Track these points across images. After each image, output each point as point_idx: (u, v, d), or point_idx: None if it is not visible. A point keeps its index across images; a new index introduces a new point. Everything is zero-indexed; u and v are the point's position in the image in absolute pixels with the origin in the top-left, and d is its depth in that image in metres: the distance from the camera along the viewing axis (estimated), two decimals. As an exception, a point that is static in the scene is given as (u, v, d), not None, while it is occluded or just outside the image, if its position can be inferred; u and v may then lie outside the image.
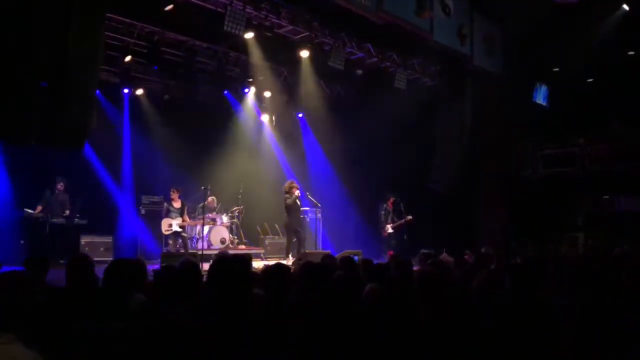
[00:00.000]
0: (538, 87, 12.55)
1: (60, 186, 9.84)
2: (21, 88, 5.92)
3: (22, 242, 9.22)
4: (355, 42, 10.94)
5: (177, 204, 10.78)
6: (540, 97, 12.65)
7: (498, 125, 12.17)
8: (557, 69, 12.59)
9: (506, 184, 12.30)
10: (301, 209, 10.96)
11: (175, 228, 10.67)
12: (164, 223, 10.71)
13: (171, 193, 10.80)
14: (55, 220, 9.64)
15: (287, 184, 10.76)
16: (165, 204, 10.79)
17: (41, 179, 10.02)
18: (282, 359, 2.55)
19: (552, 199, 11.86)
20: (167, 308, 3.03)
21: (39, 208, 9.66)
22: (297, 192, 10.51)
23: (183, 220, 10.78)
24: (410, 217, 11.51)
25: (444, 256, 6.83)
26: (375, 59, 11.45)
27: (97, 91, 7.23)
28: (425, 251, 6.97)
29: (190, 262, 3.70)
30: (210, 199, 11.63)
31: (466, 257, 6.33)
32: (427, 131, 12.15)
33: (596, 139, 12.07)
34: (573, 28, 11.17)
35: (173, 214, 10.73)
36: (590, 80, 12.51)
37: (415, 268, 4.69)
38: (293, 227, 10.49)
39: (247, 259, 4.09)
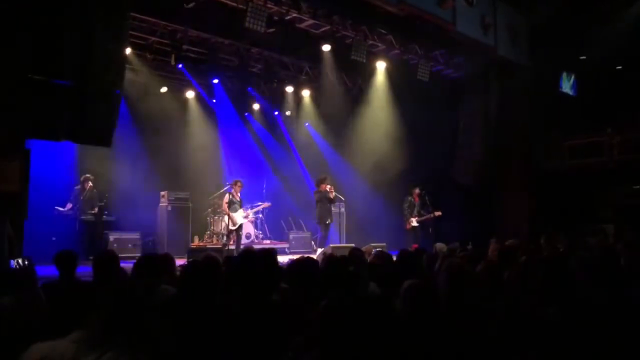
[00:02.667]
0: (565, 76, 12.32)
1: (88, 184, 10.02)
2: (50, 87, 6.05)
3: (53, 239, 9.43)
4: (377, 35, 10.87)
5: (238, 197, 10.58)
6: (567, 86, 12.41)
7: (524, 115, 11.98)
8: (584, 57, 12.32)
9: (532, 175, 12.12)
10: (330, 201, 10.79)
11: (242, 220, 10.50)
12: (231, 217, 10.37)
13: (233, 185, 10.58)
14: (84, 217, 9.83)
15: (317, 178, 10.84)
16: (228, 195, 10.48)
17: (70, 177, 10.23)
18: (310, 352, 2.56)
19: (580, 190, 11.65)
20: (194, 301, 3.07)
21: (69, 206, 9.86)
22: (327, 187, 10.54)
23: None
24: (439, 212, 11.39)
25: (470, 249, 6.76)
26: (397, 51, 11.37)
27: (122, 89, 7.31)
28: (440, 244, 6.91)
29: (212, 257, 3.74)
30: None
31: (491, 248, 6.26)
32: (452, 123, 12.03)
33: (625, 128, 11.79)
34: (600, 14, 10.92)
35: (236, 206, 10.51)
36: (619, 67, 12.22)
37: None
38: (322, 221, 10.58)
39: (273, 253, 4.12)
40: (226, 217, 10.44)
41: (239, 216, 10.48)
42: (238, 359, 2.64)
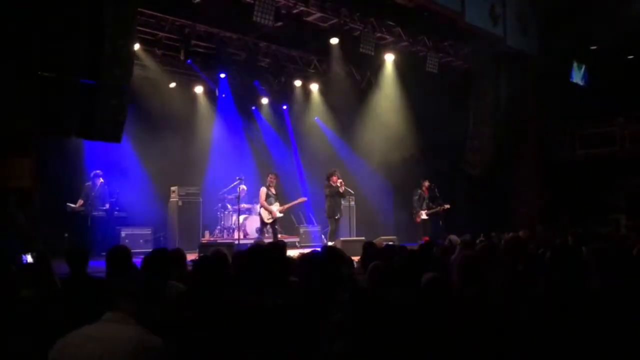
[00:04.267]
0: (575, 66, 12.21)
1: (99, 180, 10.08)
2: (61, 84, 6.09)
3: (65, 235, 9.50)
4: (385, 27, 10.82)
5: (274, 190, 10.24)
6: (578, 76, 12.30)
7: (534, 106, 11.90)
8: (594, 47, 12.20)
9: (543, 166, 12.05)
10: (339, 195, 10.67)
11: (278, 215, 10.20)
12: (265, 210, 10.06)
13: (270, 178, 10.21)
14: (96, 213, 9.88)
15: (327, 172, 10.73)
16: (264, 189, 10.10)
17: (82, 173, 10.30)
18: (320, 345, 2.57)
19: (591, 180, 11.56)
20: (204, 297, 3.08)
21: (81, 202, 9.92)
22: (337, 181, 10.46)
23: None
24: (447, 205, 11.29)
25: (481, 240, 6.74)
26: (406, 43, 11.31)
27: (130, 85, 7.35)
28: (453, 236, 6.88)
29: (220, 253, 3.77)
30: (241, 187, 11.61)
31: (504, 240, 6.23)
32: (461, 114, 11.96)
33: (637, 117, 11.67)
34: (610, 3, 10.79)
35: (271, 199, 10.16)
36: (630, 57, 12.09)
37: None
38: (332, 215, 10.52)
39: (281, 246, 4.13)
40: (263, 211, 10.11)
41: (275, 210, 10.19)
42: (248, 354, 2.65)
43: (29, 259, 5.12)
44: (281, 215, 10.40)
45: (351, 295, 2.52)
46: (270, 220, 10.18)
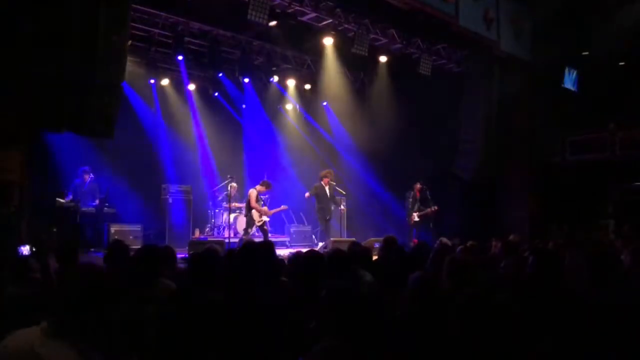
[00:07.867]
0: (567, 72, 12.27)
1: (89, 176, 10.02)
2: (53, 78, 6.04)
3: (54, 230, 9.42)
4: (379, 29, 10.83)
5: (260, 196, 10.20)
6: (570, 82, 12.36)
7: (526, 111, 11.95)
8: (586, 53, 12.27)
9: (535, 171, 12.10)
10: (329, 198, 10.69)
11: (265, 218, 10.22)
12: (257, 212, 10.06)
13: (263, 185, 10.17)
14: (85, 209, 9.82)
15: (321, 174, 10.72)
16: (254, 191, 10.03)
17: (71, 168, 10.22)
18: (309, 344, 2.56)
19: (582, 185, 11.63)
20: (195, 294, 3.07)
21: (70, 197, 9.86)
22: (328, 182, 10.46)
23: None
24: (435, 207, 11.29)
25: (471, 244, 6.74)
26: (399, 45, 11.32)
27: (124, 81, 7.32)
28: (444, 239, 6.89)
29: (214, 250, 3.76)
30: (232, 186, 11.54)
31: (494, 244, 6.27)
32: (453, 118, 11.99)
33: (628, 123, 11.76)
34: (603, 9, 10.87)
35: (260, 203, 10.18)
36: (622, 63, 12.17)
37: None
38: (322, 216, 10.52)
39: (270, 247, 4.11)
40: (254, 212, 10.06)
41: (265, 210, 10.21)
42: (238, 354, 2.64)
43: (25, 251, 5.06)
44: (267, 219, 10.43)
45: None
46: (260, 223, 10.20)
